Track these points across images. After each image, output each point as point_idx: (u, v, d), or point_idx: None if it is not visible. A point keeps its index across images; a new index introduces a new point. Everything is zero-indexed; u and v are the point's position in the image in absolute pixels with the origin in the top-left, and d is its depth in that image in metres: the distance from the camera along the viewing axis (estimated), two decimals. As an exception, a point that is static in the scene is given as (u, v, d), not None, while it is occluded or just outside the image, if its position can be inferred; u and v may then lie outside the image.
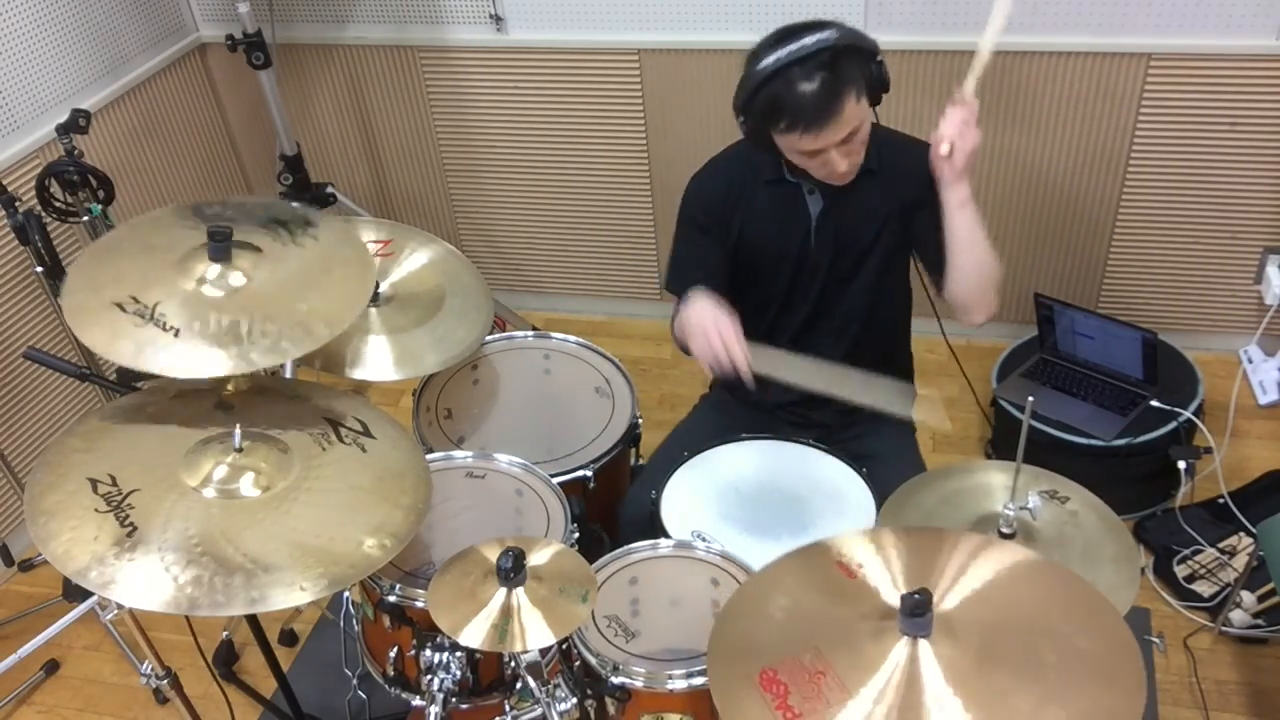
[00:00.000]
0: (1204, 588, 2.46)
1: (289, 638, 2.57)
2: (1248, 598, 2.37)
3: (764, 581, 1.45)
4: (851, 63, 1.74)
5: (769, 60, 1.73)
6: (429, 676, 1.73)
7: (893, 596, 1.31)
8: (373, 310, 2.08)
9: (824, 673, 1.26)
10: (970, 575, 1.36)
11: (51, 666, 2.57)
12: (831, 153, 1.78)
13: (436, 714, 1.70)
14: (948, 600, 1.31)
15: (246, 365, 1.59)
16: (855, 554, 1.41)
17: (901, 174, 1.93)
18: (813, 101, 1.71)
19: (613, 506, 2.11)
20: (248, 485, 1.56)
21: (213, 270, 1.68)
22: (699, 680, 1.62)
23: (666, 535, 1.86)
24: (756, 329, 2.11)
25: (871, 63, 1.78)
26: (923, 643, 1.25)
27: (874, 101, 1.81)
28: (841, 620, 1.33)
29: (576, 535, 1.85)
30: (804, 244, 2.00)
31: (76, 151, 2.46)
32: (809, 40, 1.72)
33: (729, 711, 1.29)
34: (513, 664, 1.77)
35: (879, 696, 1.22)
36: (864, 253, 1.99)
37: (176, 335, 1.60)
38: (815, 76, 1.71)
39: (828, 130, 1.74)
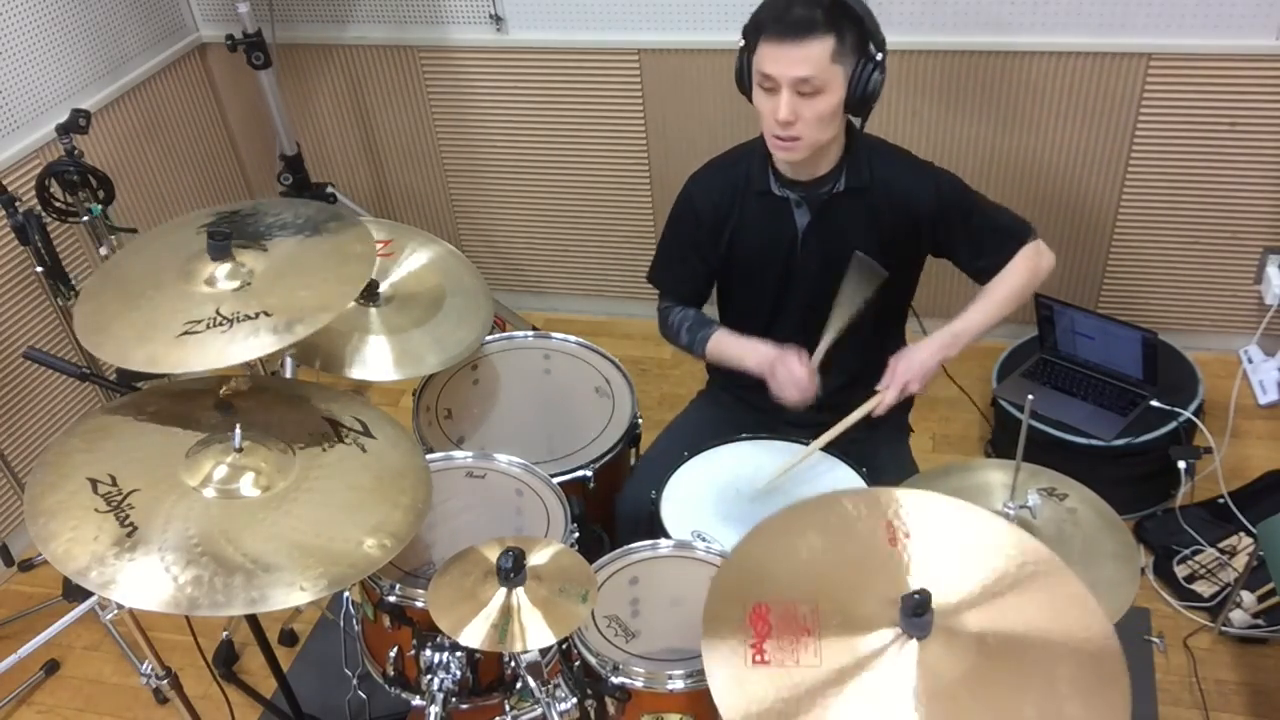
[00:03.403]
0: (1204, 588, 2.46)
1: (289, 638, 2.57)
2: (1248, 598, 2.37)
3: (813, 508, 1.43)
4: (848, 25, 1.78)
5: None
6: (429, 676, 1.73)
7: (906, 586, 1.30)
8: (373, 310, 2.09)
9: (810, 632, 1.26)
10: (974, 563, 1.34)
11: (51, 666, 2.57)
12: (784, 92, 1.79)
13: (436, 714, 1.70)
14: (959, 606, 1.30)
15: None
16: (909, 520, 1.40)
17: (892, 192, 1.95)
18: (792, 17, 1.76)
19: (613, 506, 2.11)
20: (248, 485, 1.56)
21: (221, 269, 1.72)
22: (699, 680, 1.62)
23: (666, 535, 1.86)
24: (749, 335, 2.12)
25: (868, 57, 1.80)
26: (917, 643, 1.25)
27: (853, 103, 1.83)
28: (853, 587, 1.32)
29: (576, 535, 1.85)
30: (790, 256, 2.01)
31: (76, 151, 2.46)
32: None
33: (710, 630, 1.29)
34: (513, 664, 1.77)
35: (853, 675, 1.22)
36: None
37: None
38: (811, 7, 1.76)
39: (789, 50, 1.76)
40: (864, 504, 1.42)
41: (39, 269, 2.41)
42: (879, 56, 1.82)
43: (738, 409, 2.19)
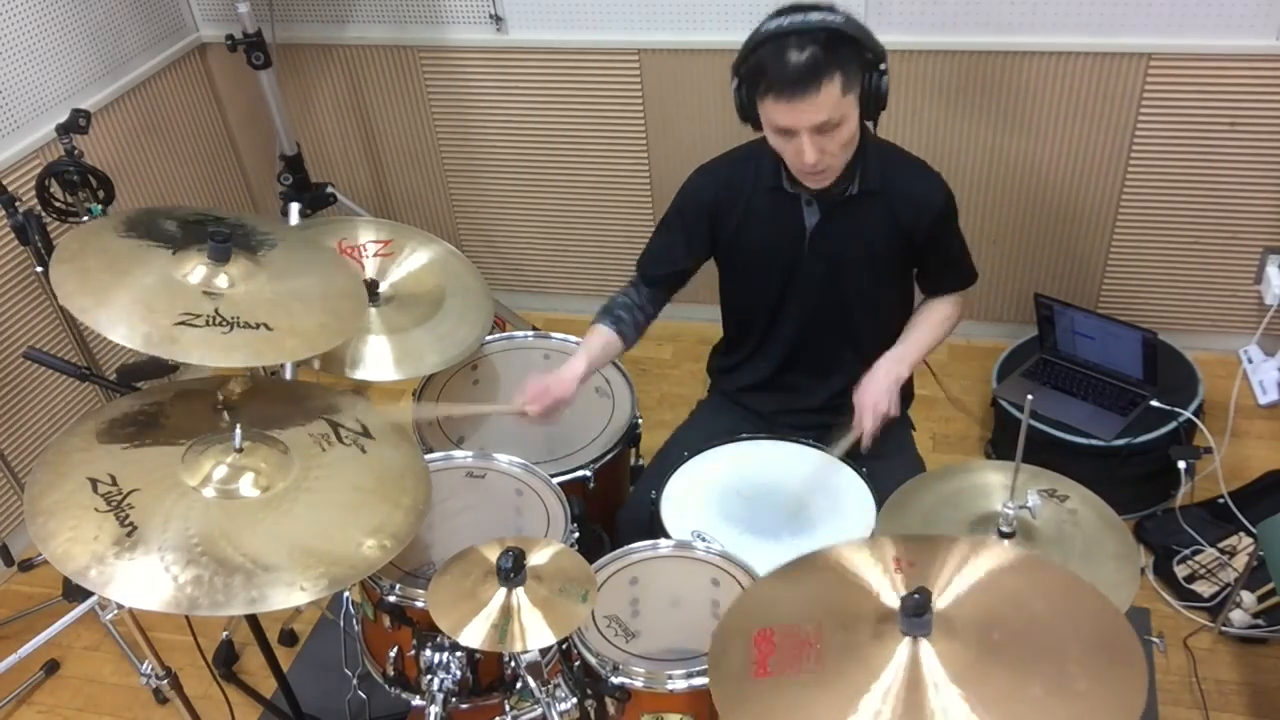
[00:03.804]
0: (1204, 588, 2.46)
1: (289, 638, 2.57)
2: (1248, 598, 2.37)
3: (817, 563, 1.44)
4: (848, 53, 1.74)
5: (770, 26, 1.76)
6: (429, 676, 1.73)
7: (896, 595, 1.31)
8: (373, 310, 2.09)
9: (812, 644, 1.26)
10: (975, 578, 1.35)
11: (51, 666, 2.57)
12: (804, 137, 1.76)
13: (436, 714, 1.70)
14: (951, 602, 1.30)
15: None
16: (910, 552, 1.41)
17: (903, 198, 1.94)
18: (794, 71, 1.71)
19: (613, 506, 2.11)
20: (248, 485, 1.56)
21: (200, 272, 1.72)
22: (699, 680, 1.62)
23: (666, 535, 1.86)
24: (751, 334, 2.12)
25: (872, 69, 1.77)
26: (921, 641, 1.25)
27: (867, 112, 1.81)
28: (857, 606, 1.32)
29: (576, 535, 1.85)
30: (796, 253, 2.00)
31: (76, 151, 2.46)
32: (814, 17, 1.74)
33: (716, 651, 1.31)
34: (513, 664, 1.77)
35: (854, 676, 1.23)
36: (857, 268, 2.00)
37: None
38: (806, 49, 1.71)
39: (801, 104, 1.73)
40: (867, 553, 1.43)
41: (39, 269, 2.41)
42: (882, 66, 1.79)
43: (739, 414, 2.19)
